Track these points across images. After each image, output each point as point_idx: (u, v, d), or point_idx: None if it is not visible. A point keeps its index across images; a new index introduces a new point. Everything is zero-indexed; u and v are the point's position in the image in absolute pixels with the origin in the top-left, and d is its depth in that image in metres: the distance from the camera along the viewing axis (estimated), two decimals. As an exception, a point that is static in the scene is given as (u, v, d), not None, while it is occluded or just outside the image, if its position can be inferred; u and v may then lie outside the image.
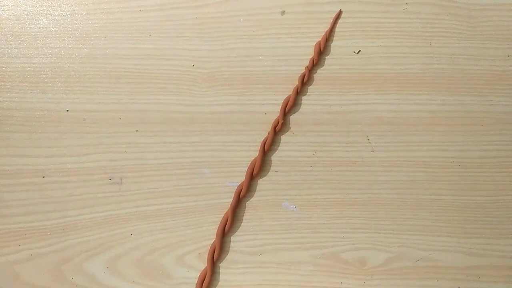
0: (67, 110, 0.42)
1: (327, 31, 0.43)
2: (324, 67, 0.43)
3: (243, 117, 0.42)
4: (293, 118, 0.42)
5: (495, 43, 0.43)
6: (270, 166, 0.41)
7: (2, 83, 0.42)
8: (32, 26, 0.43)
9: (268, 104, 0.42)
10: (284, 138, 0.42)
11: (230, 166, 0.41)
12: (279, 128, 0.41)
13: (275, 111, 0.42)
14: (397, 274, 0.39)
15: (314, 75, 0.43)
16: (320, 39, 0.43)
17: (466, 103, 0.42)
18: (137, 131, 0.41)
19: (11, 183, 0.40)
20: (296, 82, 0.42)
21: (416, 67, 0.43)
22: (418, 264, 0.40)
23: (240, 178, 0.41)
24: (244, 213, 0.40)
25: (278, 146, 0.42)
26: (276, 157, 0.41)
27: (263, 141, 0.41)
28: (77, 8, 0.43)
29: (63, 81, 0.42)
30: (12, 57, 0.42)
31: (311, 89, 0.43)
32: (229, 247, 0.40)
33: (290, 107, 0.42)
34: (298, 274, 0.39)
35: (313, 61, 0.42)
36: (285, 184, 0.41)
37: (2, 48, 0.43)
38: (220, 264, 0.40)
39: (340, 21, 0.44)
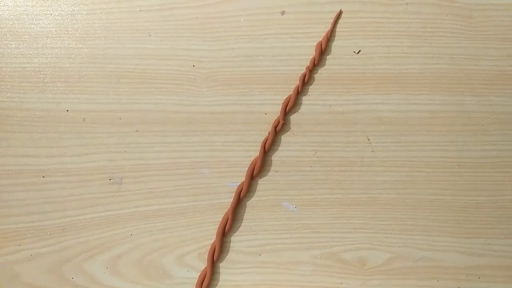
0: (67, 110, 0.42)
1: (328, 31, 0.43)
2: (324, 67, 0.43)
3: (243, 117, 0.42)
4: (293, 118, 0.42)
5: (495, 43, 0.43)
6: (270, 166, 0.41)
7: (2, 83, 0.42)
8: (32, 26, 0.43)
9: (268, 104, 0.42)
10: (284, 138, 0.42)
11: (230, 166, 0.41)
12: (280, 128, 0.41)
13: (275, 111, 0.42)
14: (397, 274, 0.39)
15: (314, 75, 0.43)
16: (321, 39, 0.43)
17: (466, 103, 0.42)
18: (137, 131, 0.41)
19: (11, 183, 0.40)
20: (295, 82, 0.42)
21: (416, 67, 0.43)
22: (418, 264, 0.40)
23: (240, 178, 0.41)
24: (244, 213, 0.40)
25: (279, 146, 0.42)
26: (276, 157, 0.41)
27: (263, 141, 0.41)
28: (77, 8, 0.43)
29: (63, 81, 0.42)
30: (12, 57, 0.42)
31: (311, 89, 0.43)
32: (229, 247, 0.40)
33: (290, 107, 0.41)
34: (298, 274, 0.39)
35: (314, 61, 0.42)
36: (285, 184, 0.41)
37: (2, 48, 0.43)
38: (220, 264, 0.40)
39: (340, 21, 0.44)
